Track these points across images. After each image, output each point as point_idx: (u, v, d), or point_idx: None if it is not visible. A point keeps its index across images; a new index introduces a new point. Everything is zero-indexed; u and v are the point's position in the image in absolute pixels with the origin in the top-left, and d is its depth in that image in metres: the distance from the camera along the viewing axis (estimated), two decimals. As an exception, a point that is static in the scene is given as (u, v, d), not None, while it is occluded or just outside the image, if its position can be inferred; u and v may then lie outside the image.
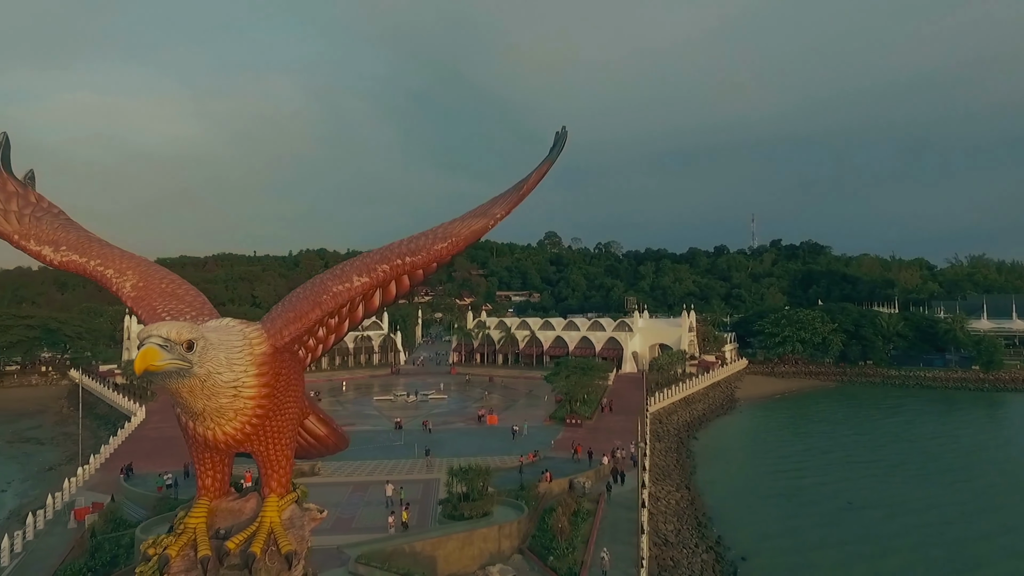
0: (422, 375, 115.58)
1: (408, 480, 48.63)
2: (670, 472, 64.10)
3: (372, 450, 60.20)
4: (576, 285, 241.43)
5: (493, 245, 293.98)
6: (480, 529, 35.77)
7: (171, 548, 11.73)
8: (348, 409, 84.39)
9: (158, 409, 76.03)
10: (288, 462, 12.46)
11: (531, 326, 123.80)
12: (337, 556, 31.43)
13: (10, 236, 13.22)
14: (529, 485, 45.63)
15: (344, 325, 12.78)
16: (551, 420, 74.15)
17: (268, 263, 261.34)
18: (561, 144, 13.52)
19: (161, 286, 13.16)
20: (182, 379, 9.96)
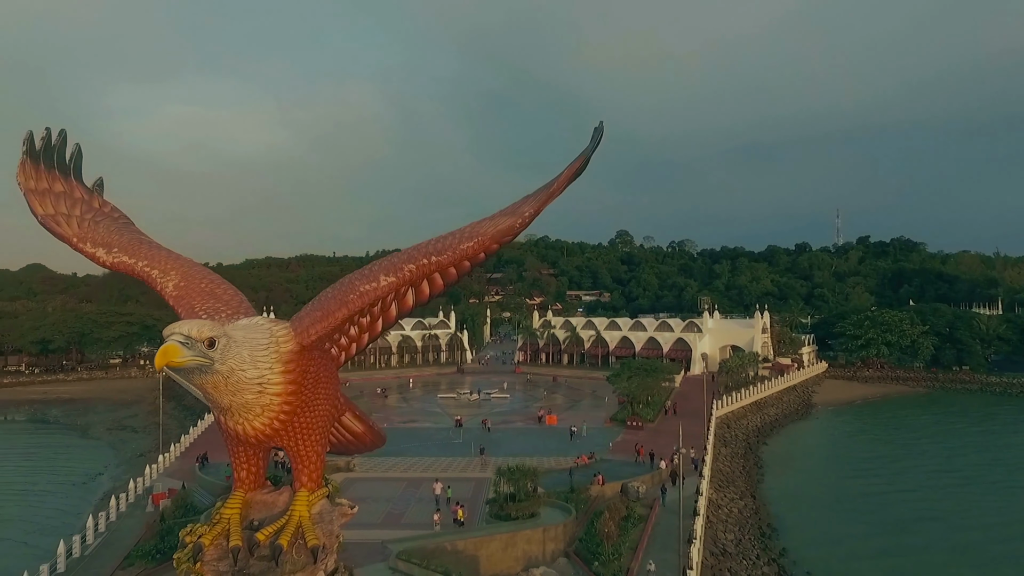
0: (487, 374, 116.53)
1: (461, 478, 49.10)
2: (735, 479, 61.66)
3: (431, 447, 61.32)
4: (647, 284, 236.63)
5: (563, 244, 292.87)
6: (524, 531, 35.63)
7: (205, 537, 12.29)
8: (413, 406, 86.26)
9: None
10: (319, 458, 12.69)
11: (597, 326, 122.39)
12: (380, 551, 32.11)
13: (69, 239, 14.18)
14: (579, 487, 45.05)
15: (378, 324, 12.99)
16: (612, 422, 72.99)
17: (346, 264, 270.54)
18: (597, 140, 12.93)
19: (201, 286, 13.74)
20: (205, 375, 10.36)
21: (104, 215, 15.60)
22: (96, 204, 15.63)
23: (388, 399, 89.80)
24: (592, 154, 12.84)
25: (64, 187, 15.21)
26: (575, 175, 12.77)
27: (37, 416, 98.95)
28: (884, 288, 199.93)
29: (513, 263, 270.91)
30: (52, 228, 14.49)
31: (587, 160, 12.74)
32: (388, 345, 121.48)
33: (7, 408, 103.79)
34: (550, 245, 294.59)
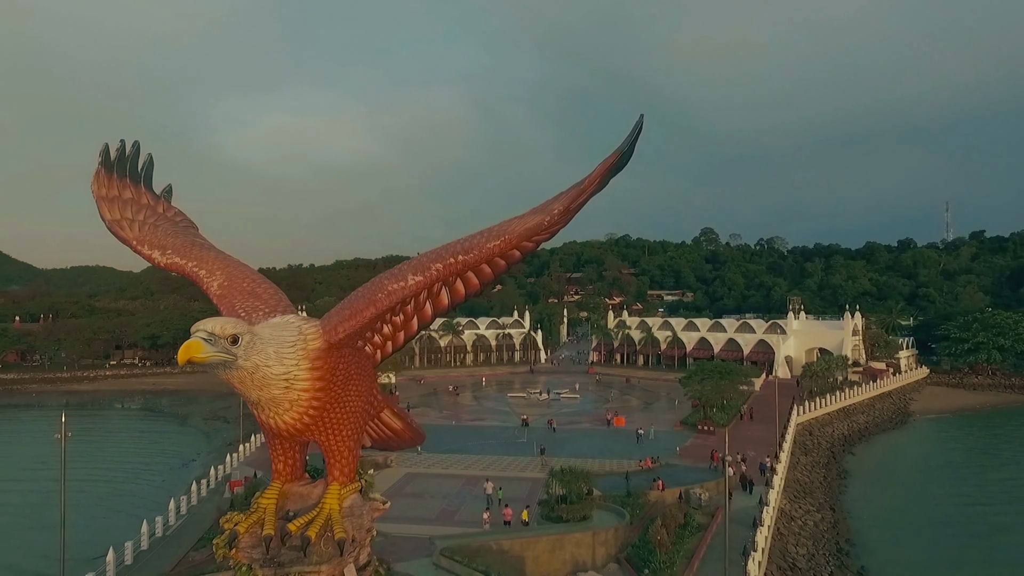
0: (560, 374, 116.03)
1: (519, 478, 49.10)
2: (812, 490, 58.16)
3: (494, 445, 61.73)
4: (733, 284, 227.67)
5: (645, 243, 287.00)
6: (573, 533, 35.10)
7: (241, 524, 12.98)
8: (482, 404, 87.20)
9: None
10: (351, 453, 12.99)
11: (673, 327, 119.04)
12: (427, 546, 32.57)
13: (130, 242, 15.21)
14: (637, 492, 43.91)
15: (414, 323, 13.22)
16: (682, 425, 70.75)
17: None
18: (635, 134, 12.34)
19: (243, 285, 14.31)
20: (229, 370, 10.78)
21: (166, 219, 16.65)
22: (160, 209, 16.70)
23: (459, 397, 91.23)
24: (629, 148, 12.24)
25: (132, 194, 16.25)
26: (609, 170, 12.29)
27: (148, 405, 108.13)
28: (1002, 287, 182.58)
29: (593, 263, 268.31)
30: (116, 232, 15.63)
31: (623, 155, 12.20)
32: (463, 344, 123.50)
33: (124, 397, 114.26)
34: (631, 244, 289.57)
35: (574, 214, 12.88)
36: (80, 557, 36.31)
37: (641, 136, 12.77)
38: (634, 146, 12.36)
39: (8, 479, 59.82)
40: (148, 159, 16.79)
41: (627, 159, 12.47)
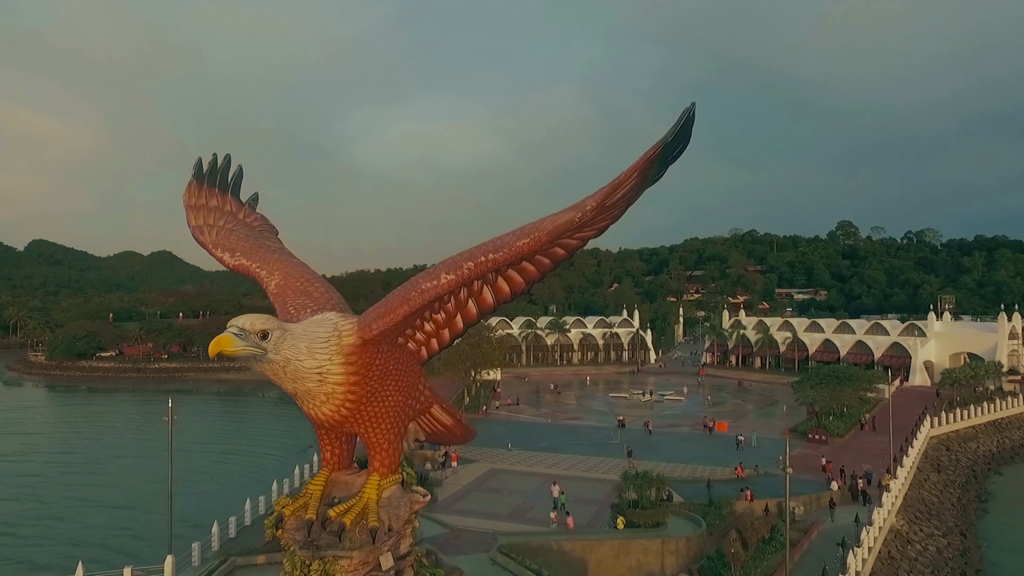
0: (668, 375, 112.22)
1: (603, 480, 48.18)
2: (941, 511, 51.93)
3: (586, 445, 61.04)
4: (873, 281, 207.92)
5: (773, 239, 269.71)
6: (640, 539, 33.94)
7: (287, 508, 14.28)
8: (581, 404, 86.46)
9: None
10: (391, 446, 13.61)
11: (794, 327, 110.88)
12: (489, 541, 32.94)
13: (206, 245, 16.97)
14: (721, 501, 41.58)
15: (458, 321, 13.73)
16: (791, 433, 65.73)
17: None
18: (681, 124, 11.23)
19: (296, 285, 15.57)
20: (261, 363, 11.71)
21: (244, 225, 18.33)
22: (241, 216, 18.48)
23: (560, 395, 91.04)
24: (674, 139, 11.32)
25: (218, 202, 18.06)
26: (650, 164, 11.67)
27: (284, 395, 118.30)
28: None
29: (715, 260, 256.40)
30: (197, 236, 17.52)
31: (665, 146, 11.35)
32: (570, 342, 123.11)
33: (263, 387, 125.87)
34: (757, 239, 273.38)
35: (616, 211, 12.46)
36: (203, 525, 40.10)
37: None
38: (686, 137, 11.51)
39: (179, 451, 68.10)
40: (238, 170, 18.46)
41: (676, 150, 11.65)
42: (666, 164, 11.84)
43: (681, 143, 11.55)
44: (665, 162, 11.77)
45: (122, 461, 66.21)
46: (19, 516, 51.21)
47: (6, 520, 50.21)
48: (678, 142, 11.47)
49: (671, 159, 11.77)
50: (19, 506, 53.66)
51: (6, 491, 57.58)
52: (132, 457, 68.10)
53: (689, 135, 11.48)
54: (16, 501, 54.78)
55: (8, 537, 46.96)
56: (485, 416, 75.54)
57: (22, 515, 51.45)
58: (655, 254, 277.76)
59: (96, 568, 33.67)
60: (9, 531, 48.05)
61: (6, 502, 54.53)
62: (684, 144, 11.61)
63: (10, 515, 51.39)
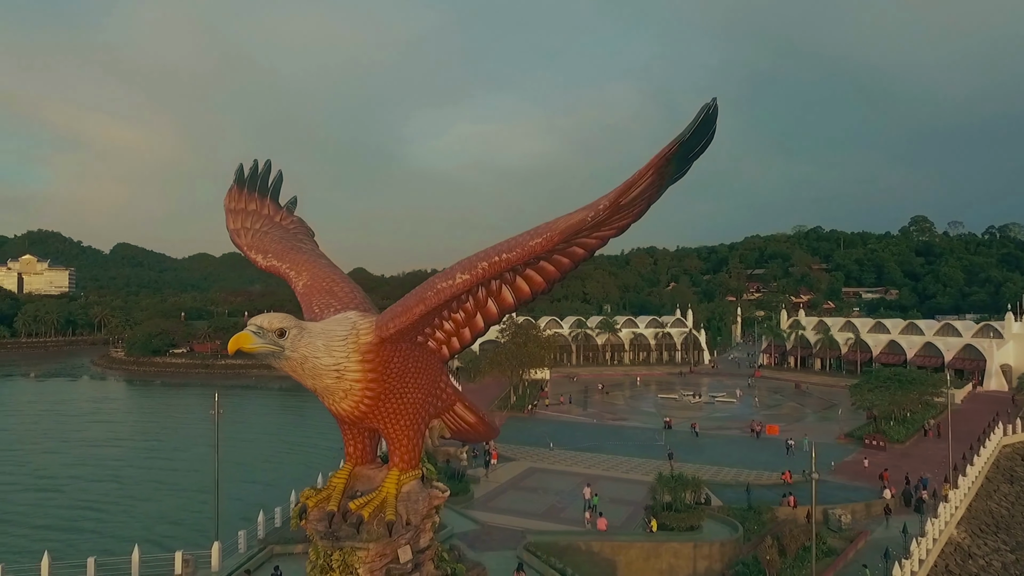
0: (722, 376, 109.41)
1: (641, 482, 47.54)
2: (1011, 525, 48.70)
3: (629, 446, 60.39)
4: (950, 279, 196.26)
5: (840, 235, 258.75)
6: (671, 542, 33.44)
7: (311, 499, 14.63)
8: (629, 404, 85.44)
9: (474, 390, 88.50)
10: (410, 442, 13.86)
11: (857, 327, 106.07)
12: (518, 538, 33.18)
13: (242, 247, 17.50)
14: (762, 507, 40.40)
15: (478, 320, 13.60)
16: (846, 438, 63.16)
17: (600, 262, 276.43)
18: (703, 121, 10.81)
19: (322, 284, 16.08)
20: (279, 360, 12.11)
21: (279, 227, 19.00)
22: (278, 219, 18.99)
23: (608, 395, 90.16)
24: (692, 137, 10.86)
25: (257, 206, 18.43)
26: (667, 161, 11.24)
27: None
28: None
29: (777, 257, 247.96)
30: (234, 239, 18.31)
31: (683, 144, 10.92)
32: (620, 342, 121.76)
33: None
34: (823, 236, 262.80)
35: (635, 209, 12.13)
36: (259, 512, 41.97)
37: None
38: (706, 133, 11.00)
39: (242, 441, 72.08)
40: (278, 175, 18.81)
41: (696, 148, 11.20)
42: (687, 162, 11.49)
43: (701, 140, 11.18)
44: (685, 160, 11.42)
45: (196, 450, 70.10)
46: (105, 495, 55.53)
47: (95, 498, 54.78)
48: (698, 139, 11.12)
49: (692, 157, 11.43)
50: (107, 486, 58.24)
51: (95, 473, 62.44)
52: (204, 446, 71.98)
53: (711, 131, 11.12)
54: (103, 482, 59.40)
55: (97, 512, 51.50)
56: (530, 415, 75.79)
57: (108, 494, 55.77)
58: (714, 252, 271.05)
59: (174, 544, 35.92)
60: (99, 507, 52.54)
61: (96, 483, 59.20)
62: (706, 141, 11.24)
63: (98, 494, 56.00)
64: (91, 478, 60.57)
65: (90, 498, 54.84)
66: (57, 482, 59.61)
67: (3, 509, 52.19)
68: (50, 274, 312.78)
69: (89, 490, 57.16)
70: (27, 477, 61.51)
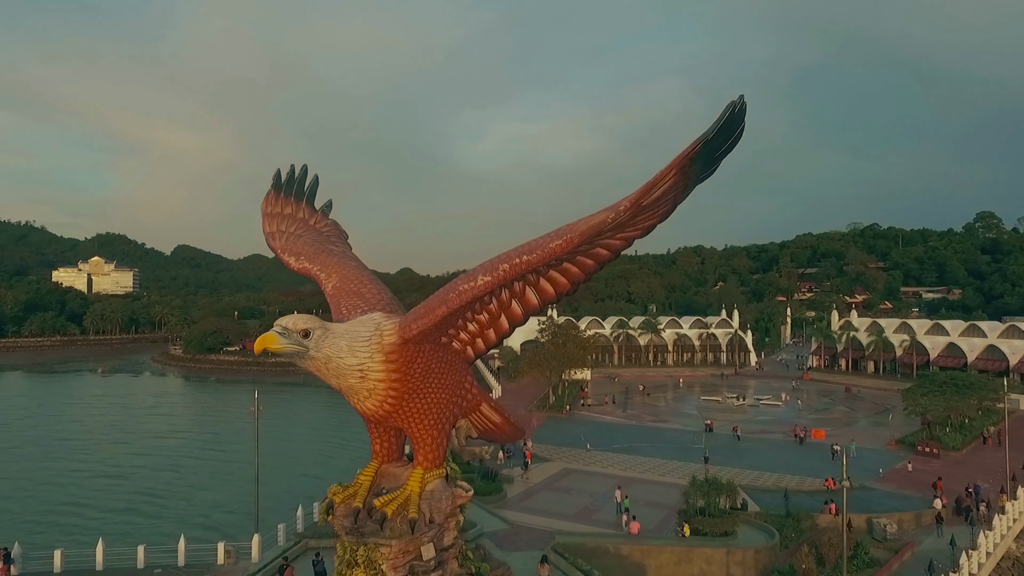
0: (769, 378, 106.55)
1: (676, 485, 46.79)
2: (1076, 540, 45.88)
3: (667, 449, 59.55)
4: (1019, 278, 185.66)
5: (898, 233, 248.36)
6: (703, 548, 32.83)
7: (337, 495, 15.03)
8: (669, 406, 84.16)
9: (514, 390, 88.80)
10: (434, 441, 14.13)
11: (913, 329, 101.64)
12: (547, 538, 33.16)
13: (276, 250, 17.96)
14: (800, 513, 39.24)
15: (502, 321, 13.88)
16: (897, 444, 60.71)
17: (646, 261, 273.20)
18: (728, 119, 10.35)
19: (351, 287, 16.38)
20: (304, 360, 12.57)
21: (313, 230, 19.34)
22: (312, 222, 19.15)
23: (649, 397, 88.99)
24: (717, 136, 10.54)
25: (293, 210, 18.88)
26: (690, 161, 10.95)
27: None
28: None
29: (831, 256, 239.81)
30: (269, 242, 18.83)
31: (706, 143, 10.62)
32: (664, 343, 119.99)
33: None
34: (879, 234, 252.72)
35: (661, 210, 11.96)
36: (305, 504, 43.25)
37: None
38: (733, 132, 10.71)
39: (292, 436, 74.90)
40: (314, 179, 19.30)
41: (723, 146, 10.94)
42: (713, 161, 11.24)
43: (728, 139, 10.89)
44: (711, 159, 11.16)
45: (249, 443, 72.70)
46: (166, 484, 58.49)
47: (158, 485, 58.01)
48: (723, 138, 10.81)
49: (719, 156, 11.16)
50: (167, 475, 61.33)
51: (157, 462, 65.81)
52: (268, 439, 74.48)
53: (738, 130, 10.83)
54: (164, 471, 62.53)
55: (160, 498, 54.72)
56: (569, 416, 75.52)
57: (169, 483, 58.71)
58: (764, 251, 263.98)
59: (230, 530, 37.53)
60: (161, 494, 55.78)
61: (158, 471, 62.47)
62: (734, 139, 10.97)
63: (160, 482, 59.13)
64: (154, 467, 63.96)
65: (152, 485, 57.90)
66: (123, 470, 63.14)
67: (78, 493, 55.77)
68: (116, 275, 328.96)
69: (153, 478, 60.48)
70: (98, 464, 65.30)
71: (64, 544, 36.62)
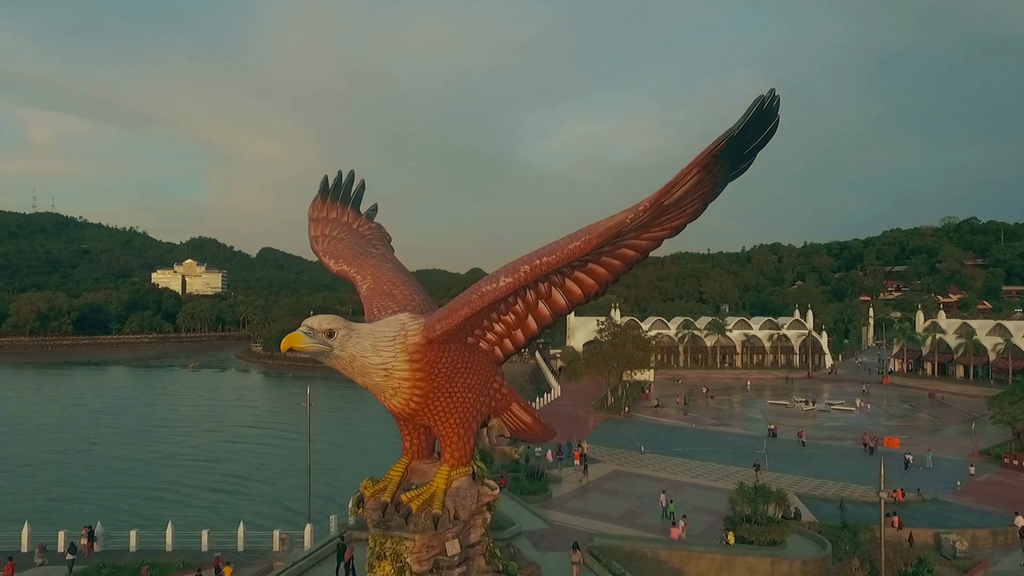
0: (844, 382, 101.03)
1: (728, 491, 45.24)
2: None
3: (725, 454, 57.79)
4: None
5: (999, 227, 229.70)
6: (746, 556, 31.68)
7: (367, 490, 15.57)
8: (733, 410, 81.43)
9: (574, 390, 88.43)
10: (460, 439, 14.53)
11: (1009, 331, 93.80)
12: (585, 540, 32.93)
13: (318, 252, 18.46)
14: (858, 525, 37.16)
15: (530, 322, 14.17)
16: (981, 456, 56.33)
17: (719, 260, 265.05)
18: (755, 114, 9.98)
19: (383, 288, 16.72)
20: (329, 359, 13.12)
21: (354, 233, 19.90)
22: (356, 226, 19.53)
23: (713, 399, 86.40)
24: (742, 132, 9.96)
25: (338, 214, 19.34)
26: (711, 159, 10.58)
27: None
28: None
29: (922, 253, 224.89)
30: (312, 246, 19.46)
31: (731, 140, 10.28)
32: (731, 344, 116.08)
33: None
34: (977, 228, 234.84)
35: (689, 209, 11.73)
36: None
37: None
38: (763, 127, 10.35)
39: (360, 430, 77.95)
40: (360, 184, 19.75)
41: (753, 143, 10.60)
42: (743, 158, 10.78)
43: (759, 135, 10.47)
44: (739, 156, 10.71)
45: (325, 436, 75.84)
46: (250, 470, 62.31)
47: (244, 470, 62.13)
48: (751, 134, 10.39)
49: (750, 152, 10.74)
50: (250, 462, 65.34)
51: (241, 450, 70.44)
52: (330, 432, 77.60)
53: (769, 124, 10.39)
54: (247, 458, 66.74)
55: (246, 480, 58.68)
56: (627, 417, 74.49)
57: (253, 470, 62.51)
58: (846, 248, 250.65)
59: (302, 517, 40.10)
60: (247, 476, 59.96)
61: (242, 458, 66.69)
62: (765, 136, 10.55)
63: (245, 467, 63.45)
64: (239, 453, 68.60)
65: (239, 470, 62.13)
66: (212, 455, 67.90)
67: (173, 476, 60.50)
68: (207, 276, 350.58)
69: (239, 461, 65.03)
70: (191, 450, 70.67)
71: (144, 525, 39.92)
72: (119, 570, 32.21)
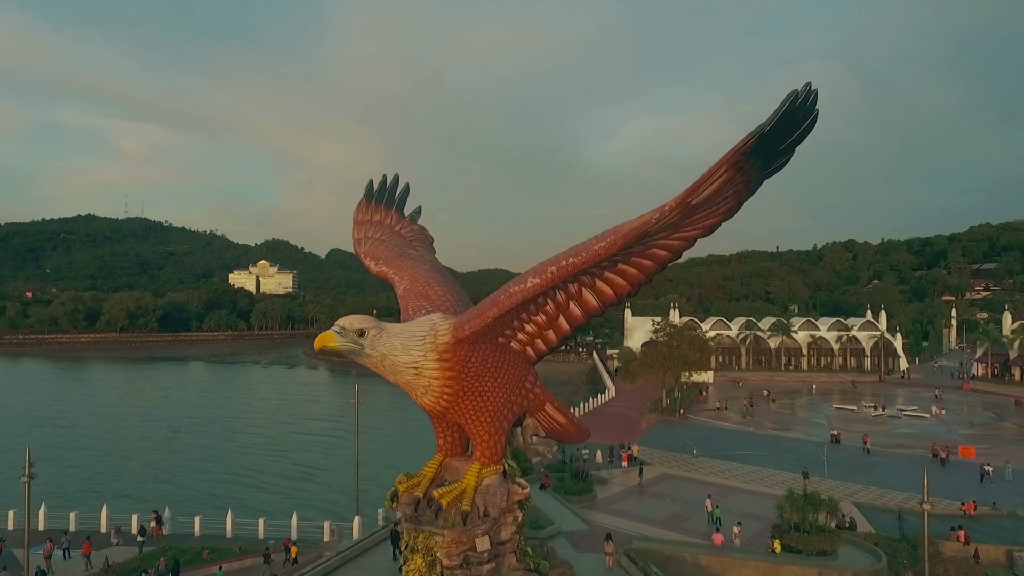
0: (920, 387, 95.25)
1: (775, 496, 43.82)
2: None
3: (782, 459, 55.81)
4: None
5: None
6: (791, 565, 30.56)
7: (401, 485, 16.40)
8: (795, 414, 78.33)
9: (630, 391, 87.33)
10: (491, 438, 14.94)
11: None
12: (624, 542, 32.61)
13: (360, 255, 19.29)
14: (918, 538, 35.06)
15: (561, 322, 14.47)
16: (1068, 469, 52.04)
17: (788, 258, 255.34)
18: (791, 110, 9.78)
19: (418, 288, 17.27)
20: (360, 357, 13.79)
21: (396, 235, 20.06)
22: (398, 228, 20.20)
23: (774, 403, 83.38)
24: (773, 128, 9.77)
25: (381, 217, 20.13)
26: (741, 156, 10.40)
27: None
28: None
29: (1015, 249, 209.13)
30: (355, 248, 19.84)
31: (762, 137, 10.19)
32: (797, 345, 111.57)
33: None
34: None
35: (718, 208, 11.60)
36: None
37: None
38: (797, 123, 10.14)
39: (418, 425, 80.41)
40: (404, 187, 20.45)
41: (788, 139, 10.36)
42: (777, 155, 10.51)
43: (792, 131, 10.19)
44: (773, 153, 10.44)
45: (388, 430, 78.53)
46: (316, 462, 65.07)
47: (313, 461, 65.35)
48: (785, 130, 10.11)
49: (784, 149, 10.44)
50: (316, 453, 68.43)
51: (310, 441, 74.07)
52: (390, 427, 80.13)
53: (805, 120, 10.11)
54: (314, 450, 69.97)
55: (317, 470, 61.81)
56: (682, 419, 72.96)
57: (319, 462, 65.26)
58: (928, 244, 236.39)
59: (366, 506, 41.92)
60: (317, 466, 63.09)
61: (310, 449, 70.08)
62: (802, 132, 10.30)
63: (313, 457, 66.63)
64: (308, 444, 72.17)
65: (309, 459, 65.24)
66: (284, 446, 71.76)
67: (249, 463, 64.18)
68: (279, 276, 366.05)
69: (308, 452, 68.36)
70: (264, 440, 74.93)
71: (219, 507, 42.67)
72: (183, 552, 34.34)
